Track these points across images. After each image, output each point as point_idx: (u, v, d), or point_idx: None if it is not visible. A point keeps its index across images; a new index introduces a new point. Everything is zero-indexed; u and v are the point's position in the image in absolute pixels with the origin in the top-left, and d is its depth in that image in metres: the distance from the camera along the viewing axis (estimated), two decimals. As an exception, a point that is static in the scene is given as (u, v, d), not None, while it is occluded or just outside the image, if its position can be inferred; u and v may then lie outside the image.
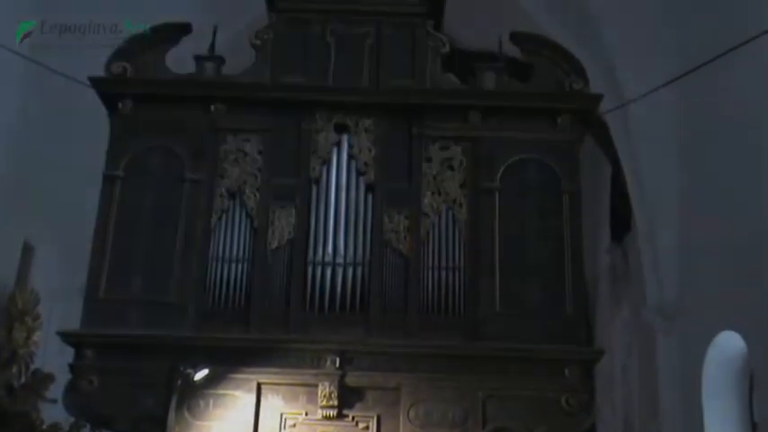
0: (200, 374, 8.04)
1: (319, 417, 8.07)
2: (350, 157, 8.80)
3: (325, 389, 8.05)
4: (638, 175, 11.28)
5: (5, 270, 9.81)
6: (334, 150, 8.81)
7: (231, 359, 8.17)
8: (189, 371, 7.96)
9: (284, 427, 8.11)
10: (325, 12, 9.18)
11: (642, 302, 11.45)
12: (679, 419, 10.39)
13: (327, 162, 8.76)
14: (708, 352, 9.71)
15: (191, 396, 8.05)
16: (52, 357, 9.25)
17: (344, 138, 8.84)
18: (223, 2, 11.51)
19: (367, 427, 8.11)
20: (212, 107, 8.82)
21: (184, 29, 9.07)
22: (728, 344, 9.40)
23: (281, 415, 8.13)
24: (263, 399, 8.15)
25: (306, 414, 8.12)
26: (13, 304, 9.26)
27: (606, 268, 14.01)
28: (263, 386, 8.16)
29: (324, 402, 8.04)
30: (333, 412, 8.05)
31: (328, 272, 8.41)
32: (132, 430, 7.98)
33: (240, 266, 8.47)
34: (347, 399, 8.11)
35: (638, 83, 10.38)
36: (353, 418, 8.11)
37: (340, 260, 8.43)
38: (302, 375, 8.17)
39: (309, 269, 8.43)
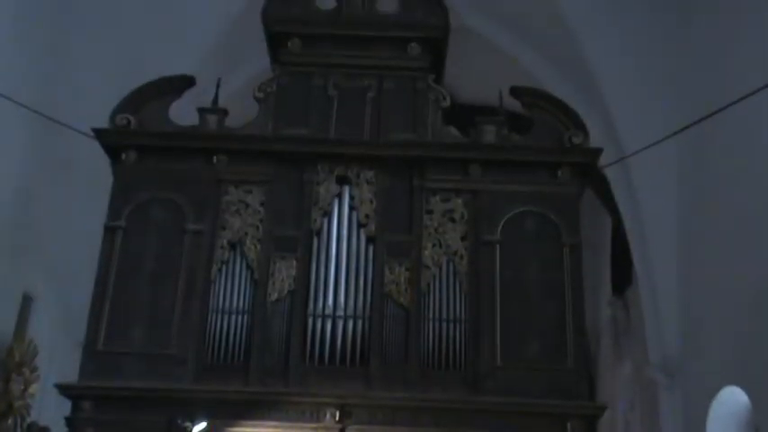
0: (198, 428, 7.94)
1: (318, 471, 7.96)
2: (351, 208, 8.82)
3: (324, 443, 7.96)
4: (639, 228, 11.30)
5: (4, 321, 9.76)
6: (336, 202, 8.84)
7: (230, 412, 8.07)
8: (187, 424, 7.87)
9: (283, 482, 8.01)
10: (328, 65, 9.29)
11: (644, 357, 11.37)
12: (683, 476, 10.26)
13: (328, 214, 8.78)
14: (711, 407, 9.61)
15: (188, 450, 7.95)
16: (49, 410, 9.18)
17: (346, 189, 8.87)
18: (227, 55, 11.67)
19: (367, 482, 8.00)
20: (215, 159, 8.87)
21: (188, 82, 9.17)
22: (732, 399, 9.31)
23: (280, 469, 8.02)
24: (261, 453, 8.05)
25: (305, 468, 8.00)
26: (11, 356, 9.21)
27: (608, 321, 13.95)
28: (261, 440, 8.06)
29: (323, 457, 7.94)
30: (332, 467, 7.94)
31: (328, 324, 8.36)
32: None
33: (240, 318, 8.42)
34: (347, 453, 8.00)
35: (637, 137, 10.44)
36: (353, 472, 8.00)
37: (340, 312, 8.40)
38: (301, 429, 8.06)
39: (309, 321, 8.39)
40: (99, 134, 8.88)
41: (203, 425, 7.95)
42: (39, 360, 9.61)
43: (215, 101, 9.21)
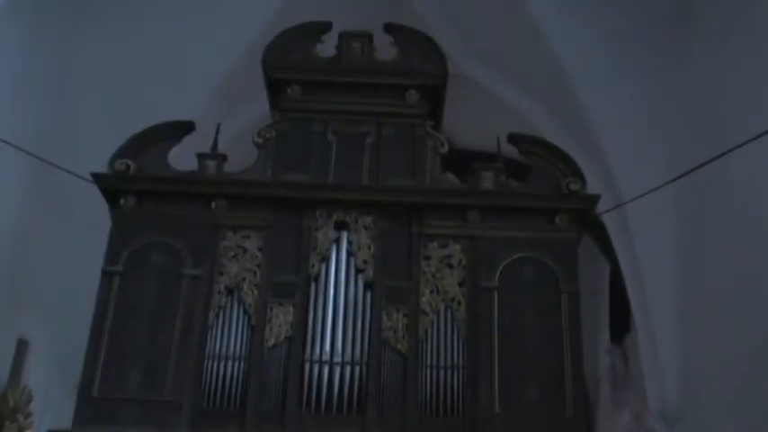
0: (193, 475, 7.86)
1: None
2: (349, 254, 8.80)
3: (320, 492, 7.86)
4: (637, 275, 11.28)
5: (-2, 366, 9.71)
6: (334, 247, 8.83)
7: (225, 460, 7.98)
8: (182, 471, 7.79)
9: None
10: (327, 112, 9.35)
11: (644, 405, 11.28)
12: None
13: (326, 259, 8.76)
14: (712, 457, 9.53)
15: (183, 498, 7.84)
16: (42, 457, 9.07)
17: (344, 235, 8.87)
18: (226, 100, 11.76)
19: None
20: (213, 204, 8.87)
21: (188, 127, 9.21)
22: (732, 448, 9.23)
23: None
24: (256, 502, 7.94)
25: None
26: (5, 402, 9.15)
27: (606, 369, 13.87)
28: (256, 489, 7.96)
29: (320, 506, 7.83)
30: None
31: (326, 370, 8.29)
32: None
33: (237, 364, 8.36)
34: (344, 502, 7.89)
35: (635, 183, 10.49)
36: None
37: (338, 359, 8.33)
38: (298, 477, 7.98)
39: (307, 367, 8.32)
40: (98, 179, 8.89)
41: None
42: (33, 406, 9.53)
43: (214, 146, 9.24)
